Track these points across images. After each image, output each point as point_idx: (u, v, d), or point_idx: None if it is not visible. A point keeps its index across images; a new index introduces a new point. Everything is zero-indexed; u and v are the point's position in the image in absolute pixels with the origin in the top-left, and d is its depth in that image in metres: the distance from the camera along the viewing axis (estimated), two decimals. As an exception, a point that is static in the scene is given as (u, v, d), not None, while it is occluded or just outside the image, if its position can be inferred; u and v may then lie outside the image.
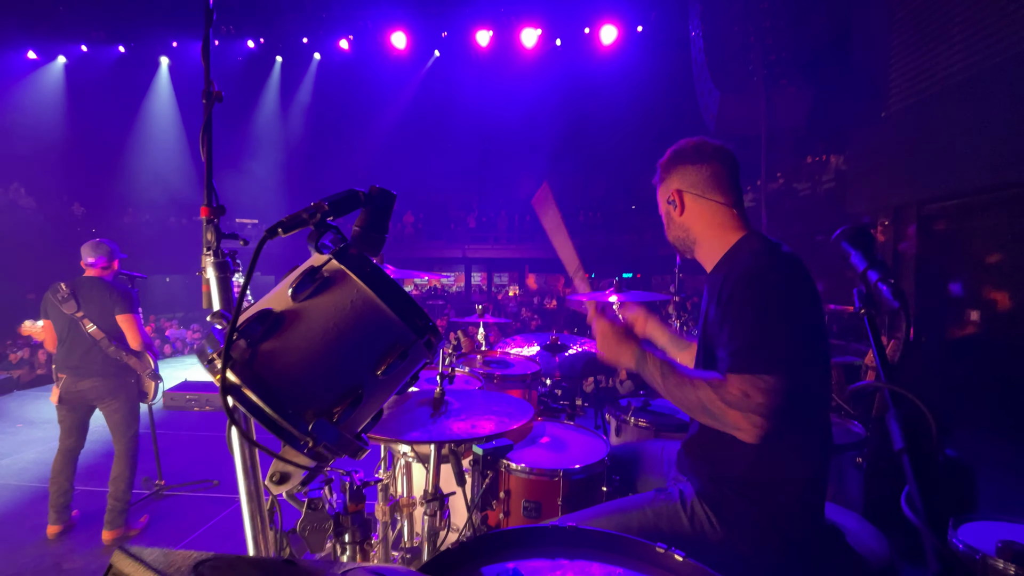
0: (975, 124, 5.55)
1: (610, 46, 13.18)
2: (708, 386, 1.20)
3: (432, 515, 1.66)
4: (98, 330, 3.30)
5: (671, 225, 1.53)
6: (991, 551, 1.34)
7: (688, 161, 1.47)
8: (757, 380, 1.15)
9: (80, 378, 3.31)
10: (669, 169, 1.51)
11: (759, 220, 9.80)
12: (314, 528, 1.14)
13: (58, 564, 3.09)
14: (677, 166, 1.49)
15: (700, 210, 1.46)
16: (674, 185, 1.48)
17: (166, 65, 14.87)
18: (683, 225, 1.49)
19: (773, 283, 1.24)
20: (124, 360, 3.36)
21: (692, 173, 1.46)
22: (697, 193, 1.46)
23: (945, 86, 6.03)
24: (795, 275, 1.26)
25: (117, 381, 3.37)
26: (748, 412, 1.15)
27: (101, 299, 3.31)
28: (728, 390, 1.17)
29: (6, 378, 7.96)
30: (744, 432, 1.16)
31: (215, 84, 1.00)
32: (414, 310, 0.83)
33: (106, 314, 3.31)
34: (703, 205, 1.45)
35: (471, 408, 1.74)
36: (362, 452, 0.86)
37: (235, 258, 1.02)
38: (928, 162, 6.30)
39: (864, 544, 1.40)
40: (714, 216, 1.45)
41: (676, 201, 1.48)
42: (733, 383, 1.17)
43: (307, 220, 0.82)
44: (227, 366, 0.74)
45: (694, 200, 1.46)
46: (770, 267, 1.27)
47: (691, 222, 1.48)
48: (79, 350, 3.32)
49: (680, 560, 0.94)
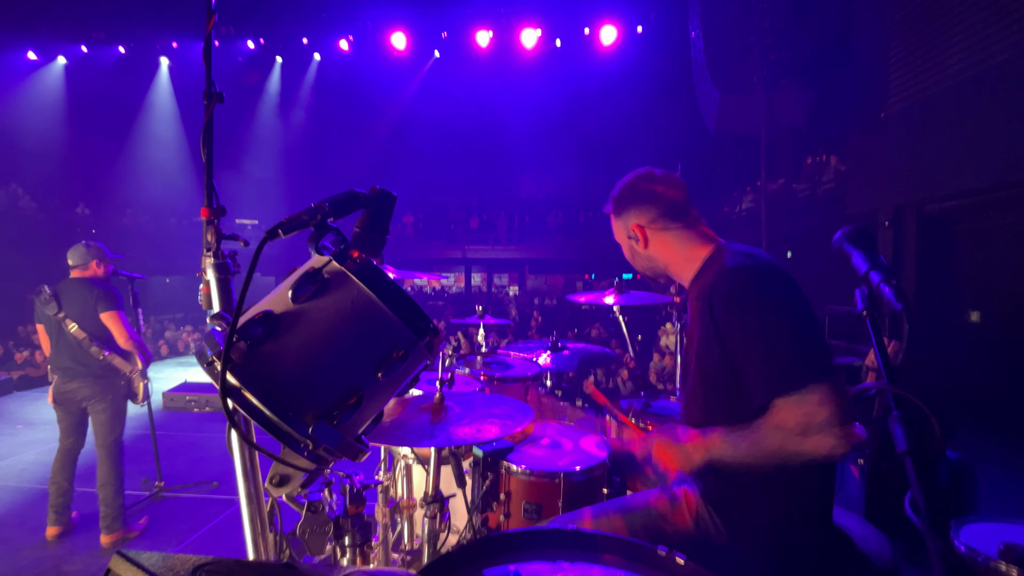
0: (975, 124, 5.55)
1: (610, 46, 13.19)
2: (770, 430, 1.13)
3: (432, 517, 1.66)
4: (79, 330, 3.28)
5: (636, 257, 1.55)
6: (993, 553, 1.33)
7: (643, 199, 1.49)
8: (807, 397, 1.10)
9: (69, 379, 3.31)
10: (625, 206, 1.52)
11: (759, 220, 9.79)
12: (314, 531, 1.13)
13: (57, 566, 3.09)
14: (632, 204, 1.50)
15: (664, 240, 1.48)
16: (632, 221, 1.50)
17: (166, 66, 14.86)
18: (649, 256, 1.51)
19: (771, 296, 1.22)
20: (108, 360, 3.34)
21: (649, 208, 1.48)
22: (658, 227, 1.47)
23: (945, 86, 6.03)
24: (784, 280, 1.25)
25: (105, 382, 3.35)
26: (822, 431, 1.08)
27: (82, 299, 3.30)
28: (788, 423, 1.11)
29: (6, 379, 7.96)
30: (833, 449, 1.08)
31: (215, 85, 1.00)
32: (414, 311, 0.83)
33: (88, 314, 3.30)
34: (666, 235, 1.47)
35: (472, 412, 1.74)
36: (362, 455, 0.86)
37: (235, 259, 1.02)
38: (928, 162, 6.30)
39: (867, 546, 1.39)
40: (679, 242, 1.47)
41: (638, 236, 1.49)
42: (789, 410, 1.11)
43: (307, 221, 0.82)
44: (227, 368, 0.74)
45: (656, 233, 1.48)
46: (760, 282, 1.24)
47: (658, 253, 1.50)
48: (66, 351, 3.32)
49: (682, 563, 0.94)
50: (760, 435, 1.15)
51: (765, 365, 1.17)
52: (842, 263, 1.08)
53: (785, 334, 1.17)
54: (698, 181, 12.97)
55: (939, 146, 6.09)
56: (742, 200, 12.96)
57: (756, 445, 1.16)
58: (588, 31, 13.22)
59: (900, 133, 6.83)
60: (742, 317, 1.21)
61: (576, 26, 13.25)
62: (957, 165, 5.83)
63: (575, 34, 13.44)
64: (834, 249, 1.10)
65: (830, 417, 1.08)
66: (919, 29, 6.44)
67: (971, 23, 5.67)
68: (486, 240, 18.57)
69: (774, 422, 1.13)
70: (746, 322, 1.21)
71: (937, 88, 6.17)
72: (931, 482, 0.78)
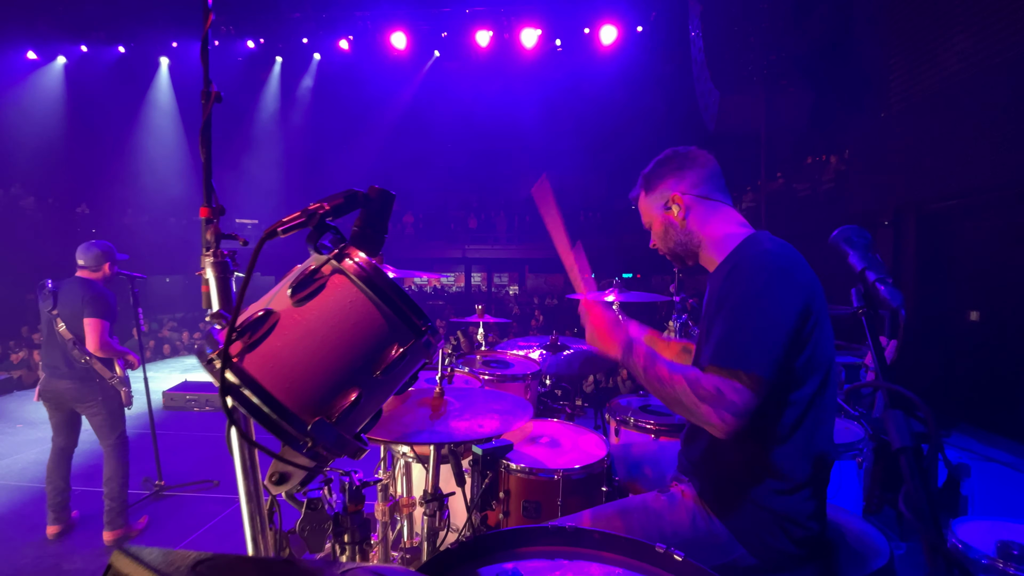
0: (975, 124, 5.55)
1: (610, 46, 13.17)
2: (684, 380, 1.18)
3: (431, 515, 1.67)
4: (67, 330, 3.27)
5: (670, 232, 1.45)
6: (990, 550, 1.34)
7: (683, 165, 1.43)
8: (732, 377, 1.14)
9: (56, 377, 3.28)
10: (661, 176, 1.45)
11: (759, 220, 9.79)
12: (313, 528, 1.14)
13: (58, 564, 3.09)
14: (672, 171, 1.44)
15: (705, 211, 1.40)
16: (671, 190, 1.43)
17: (166, 65, 14.85)
18: (687, 230, 1.42)
19: (763, 280, 1.21)
20: (90, 364, 3.30)
21: (691, 175, 1.42)
22: (700, 194, 1.41)
23: (945, 86, 6.03)
24: (786, 278, 1.22)
25: (90, 385, 3.31)
26: (719, 408, 1.13)
27: (74, 300, 3.28)
28: (702, 384, 1.15)
29: (6, 378, 7.97)
30: (714, 428, 1.15)
31: (215, 84, 1.00)
32: (413, 310, 0.83)
33: (76, 316, 3.28)
34: (707, 206, 1.41)
35: (472, 407, 1.74)
36: (361, 452, 0.86)
37: (235, 258, 1.02)
38: (928, 162, 6.30)
39: (864, 544, 1.40)
40: (719, 216, 1.41)
41: (678, 205, 1.41)
42: (708, 378, 1.16)
43: (306, 221, 0.82)
44: (226, 366, 0.74)
45: (698, 202, 1.41)
46: (764, 265, 1.23)
47: (697, 225, 1.41)
48: (56, 349, 3.30)
49: (679, 560, 0.94)
50: (673, 376, 1.20)
51: (722, 334, 1.20)
52: (840, 262, 1.09)
53: (754, 317, 1.19)
54: (698, 181, 12.92)
55: (939, 146, 6.10)
56: (742, 200, 12.96)
57: (664, 378, 1.21)
58: (588, 31, 13.21)
59: (900, 133, 6.84)
60: (733, 289, 1.23)
61: (576, 26, 13.24)
62: (957, 165, 5.84)
63: (575, 34, 13.42)
64: (830, 248, 1.11)
65: (733, 404, 1.12)
66: (919, 29, 6.44)
67: (971, 23, 5.67)
68: (486, 239, 18.56)
69: (693, 375, 1.18)
70: (732, 294, 1.23)
71: (937, 88, 6.17)
72: (927, 480, 0.79)
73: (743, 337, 1.17)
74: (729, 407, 1.12)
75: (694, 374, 1.19)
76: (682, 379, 1.19)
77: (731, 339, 1.18)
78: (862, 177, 7.91)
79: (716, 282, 1.32)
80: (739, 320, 1.19)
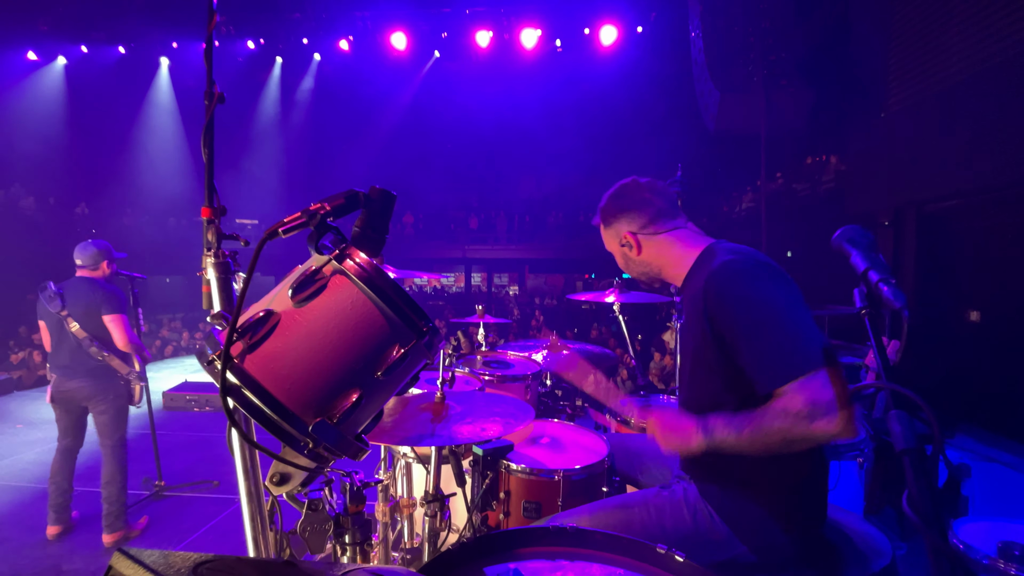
0: (975, 124, 5.55)
1: (610, 47, 13.17)
2: (775, 414, 1.13)
3: (432, 516, 1.66)
4: (80, 329, 3.28)
5: (630, 264, 1.59)
6: (992, 551, 1.34)
7: (632, 206, 1.53)
8: (810, 382, 1.11)
9: (68, 378, 3.29)
10: (615, 215, 1.56)
11: (759, 220, 9.79)
12: (314, 529, 1.14)
13: (58, 565, 3.09)
14: (622, 212, 1.54)
15: (657, 245, 1.52)
16: (624, 229, 1.54)
17: (166, 66, 14.85)
18: (643, 262, 1.55)
19: (761, 290, 1.24)
20: (107, 361, 3.33)
21: (640, 216, 1.52)
22: (650, 232, 1.51)
23: (945, 86, 6.03)
24: (772, 273, 1.27)
25: (105, 383, 3.34)
26: (826, 415, 1.08)
27: (87, 299, 3.29)
28: (792, 408, 1.11)
29: (6, 379, 7.96)
30: (836, 435, 1.09)
31: (216, 85, 1.00)
32: (415, 311, 0.83)
33: (91, 314, 3.29)
34: (658, 240, 1.51)
35: (474, 411, 1.74)
36: (362, 453, 0.86)
37: (235, 259, 1.02)
38: (928, 162, 6.30)
39: (866, 544, 1.40)
40: (672, 245, 1.50)
41: (631, 243, 1.53)
42: (791, 399, 1.12)
43: (307, 221, 0.82)
44: (227, 367, 0.74)
45: (648, 238, 1.52)
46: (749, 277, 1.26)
47: (651, 257, 1.53)
48: (67, 350, 3.31)
49: (681, 561, 0.94)
50: (766, 419, 1.15)
51: (765, 357, 1.18)
52: (842, 262, 1.08)
53: (779, 324, 1.19)
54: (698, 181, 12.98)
55: (939, 146, 6.09)
56: (742, 200, 12.96)
57: (760, 428, 1.15)
58: (588, 31, 13.21)
59: (900, 133, 6.83)
60: (736, 313, 1.23)
61: (576, 26, 13.24)
62: (957, 165, 5.83)
63: (575, 34, 13.43)
64: (833, 248, 1.11)
65: (834, 400, 1.09)
66: (919, 29, 6.44)
67: (971, 23, 5.67)
68: (486, 240, 18.58)
69: (780, 406, 1.14)
70: (742, 317, 1.22)
71: (937, 88, 6.17)
72: (929, 480, 0.78)
73: (791, 345, 1.16)
74: (829, 407, 1.09)
75: (778, 405, 1.14)
76: (773, 414, 1.14)
77: (782, 352, 1.16)
78: (862, 177, 7.90)
79: (695, 298, 1.34)
80: (774, 332, 1.18)
